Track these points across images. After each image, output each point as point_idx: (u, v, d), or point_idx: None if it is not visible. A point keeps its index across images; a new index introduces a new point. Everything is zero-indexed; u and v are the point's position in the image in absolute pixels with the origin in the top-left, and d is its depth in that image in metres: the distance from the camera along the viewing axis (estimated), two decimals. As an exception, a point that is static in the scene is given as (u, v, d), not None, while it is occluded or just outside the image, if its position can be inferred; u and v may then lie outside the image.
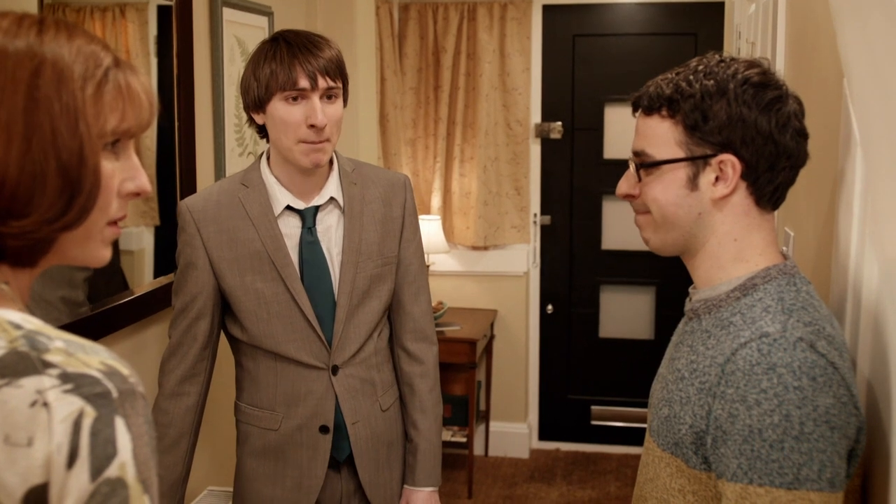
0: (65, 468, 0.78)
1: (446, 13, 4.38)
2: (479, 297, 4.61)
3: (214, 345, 1.93)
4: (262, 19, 2.84)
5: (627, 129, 4.37)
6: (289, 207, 1.86)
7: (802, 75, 1.76)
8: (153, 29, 2.24)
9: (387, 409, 1.96)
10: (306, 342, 1.86)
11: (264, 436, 1.91)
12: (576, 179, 4.55)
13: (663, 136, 1.20)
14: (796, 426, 1.04)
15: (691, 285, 1.28)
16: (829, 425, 1.04)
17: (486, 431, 4.62)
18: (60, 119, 0.84)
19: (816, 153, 1.28)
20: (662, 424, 1.21)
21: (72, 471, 0.78)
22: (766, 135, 1.15)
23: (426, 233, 4.03)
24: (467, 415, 4.29)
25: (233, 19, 2.63)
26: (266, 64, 1.76)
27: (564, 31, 4.47)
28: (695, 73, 1.19)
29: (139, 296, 2.16)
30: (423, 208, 4.49)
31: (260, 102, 1.79)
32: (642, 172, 1.23)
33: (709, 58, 1.21)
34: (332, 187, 1.89)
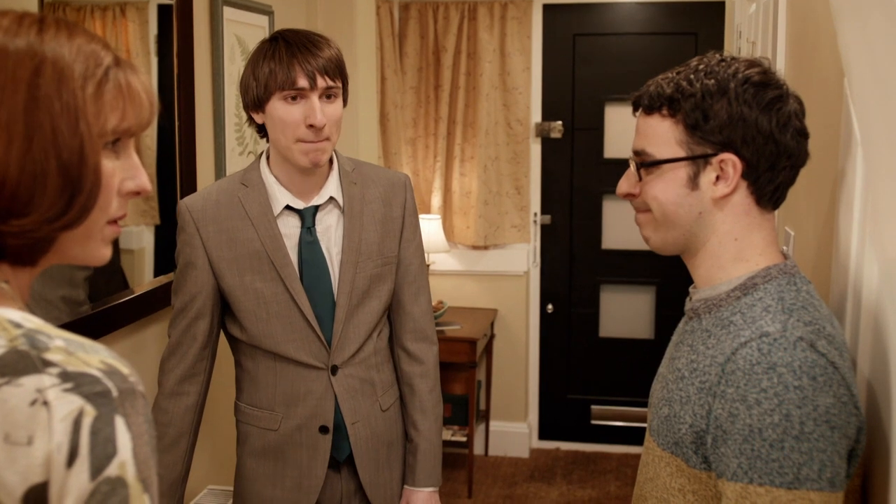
0: (65, 467, 0.78)
1: (447, 12, 4.38)
2: (479, 296, 4.61)
3: (214, 344, 1.93)
4: (262, 18, 2.84)
5: (628, 129, 4.37)
6: (288, 207, 1.86)
7: (803, 75, 1.76)
8: (153, 28, 2.24)
9: (387, 409, 1.96)
10: (306, 342, 1.86)
11: (264, 436, 1.91)
12: (576, 179, 4.54)
13: (664, 136, 1.20)
14: (796, 426, 1.04)
15: (691, 285, 1.28)
16: (829, 425, 1.04)
17: (486, 431, 4.61)
18: (61, 118, 0.84)
19: (817, 153, 1.28)
20: (662, 424, 1.21)
21: (72, 470, 0.78)
22: (766, 134, 1.15)
23: (426, 232, 4.02)
24: (467, 414, 4.29)
25: (233, 18, 2.63)
26: (265, 63, 1.76)
27: (565, 30, 4.47)
28: (695, 72, 1.19)
29: (139, 295, 2.16)
30: (424, 208, 4.49)
31: (259, 102, 1.79)
32: (643, 172, 1.23)
33: (709, 57, 1.21)
34: (332, 187, 1.88)
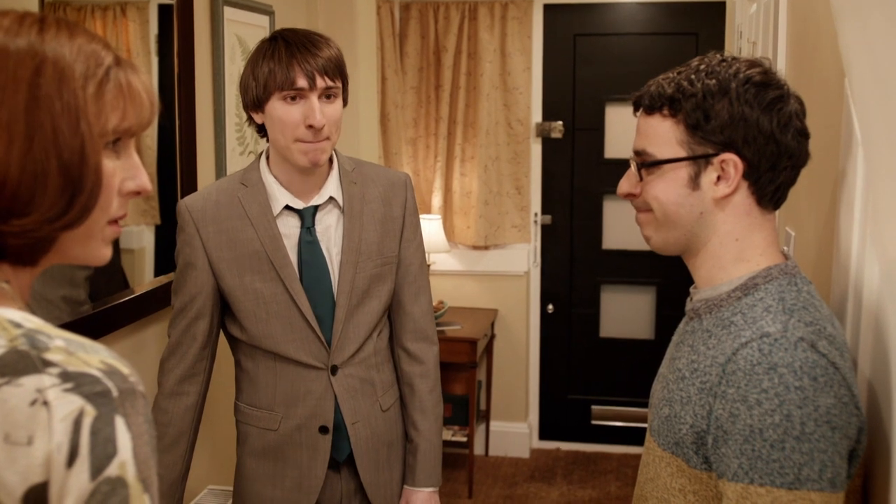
0: (65, 467, 0.77)
1: (447, 12, 4.38)
2: (479, 296, 4.61)
3: (214, 344, 1.93)
4: (263, 18, 2.84)
5: (628, 129, 4.37)
6: (288, 207, 1.85)
7: (803, 75, 1.76)
8: (154, 28, 2.24)
9: (387, 409, 1.96)
10: (305, 342, 1.86)
11: (264, 436, 1.91)
12: (576, 179, 4.54)
13: (665, 136, 1.20)
14: (797, 426, 1.04)
15: (692, 285, 1.28)
16: (830, 425, 1.04)
17: (487, 431, 4.61)
18: (62, 118, 0.84)
19: (817, 153, 1.28)
20: (663, 424, 1.21)
21: (72, 470, 0.78)
22: (767, 134, 1.15)
23: (427, 232, 4.02)
24: (468, 414, 4.29)
25: (234, 18, 2.63)
26: (264, 63, 1.75)
27: (565, 30, 4.47)
28: (696, 72, 1.19)
29: (140, 294, 2.16)
30: (424, 208, 4.49)
31: (258, 102, 1.78)
32: (644, 172, 1.23)
33: (710, 57, 1.21)
34: (332, 187, 1.88)
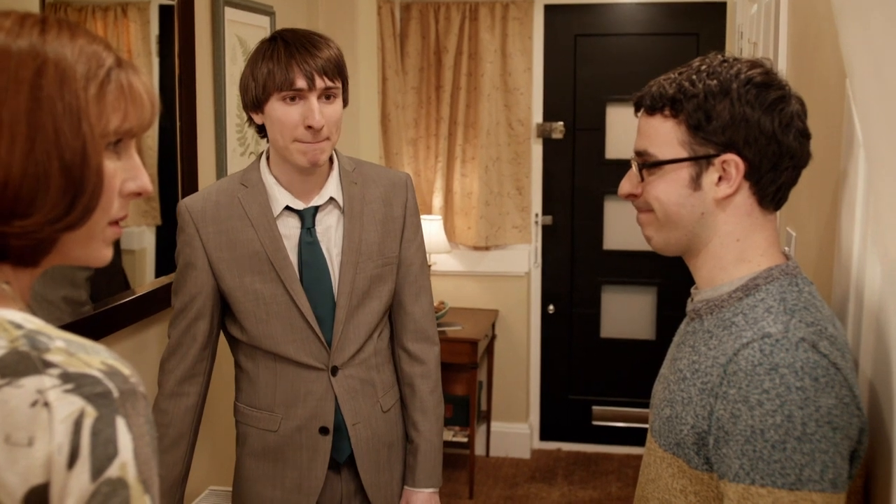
0: (65, 468, 0.77)
1: (448, 13, 4.38)
2: (480, 297, 4.61)
3: (214, 345, 1.92)
4: (263, 19, 2.84)
5: (629, 130, 4.38)
6: (288, 208, 1.85)
7: (804, 76, 1.76)
8: (155, 28, 2.23)
9: (388, 410, 1.95)
10: (305, 343, 1.85)
11: (263, 437, 1.90)
12: (577, 179, 4.54)
13: (666, 136, 1.20)
14: (798, 427, 1.04)
15: (693, 286, 1.28)
16: (831, 426, 1.04)
17: (488, 432, 4.61)
18: (63, 119, 0.84)
19: (819, 153, 1.28)
20: (664, 425, 1.21)
21: (72, 471, 0.78)
22: (769, 135, 1.15)
23: (427, 233, 4.02)
24: (468, 415, 4.29)
25: (235, 19, 2.63)
26: (264, 63, 1.75)
27: (566, 30, 4.47)
28: (698, 72, 1.19)
29: (140, 295, 2.16)
30: (425, 208, 4.49)
31: (258, 102, 1.78)
32: (645, 172, 1.23)
33: (711, 58, 1.21)
34: (332, 187, 1.88)
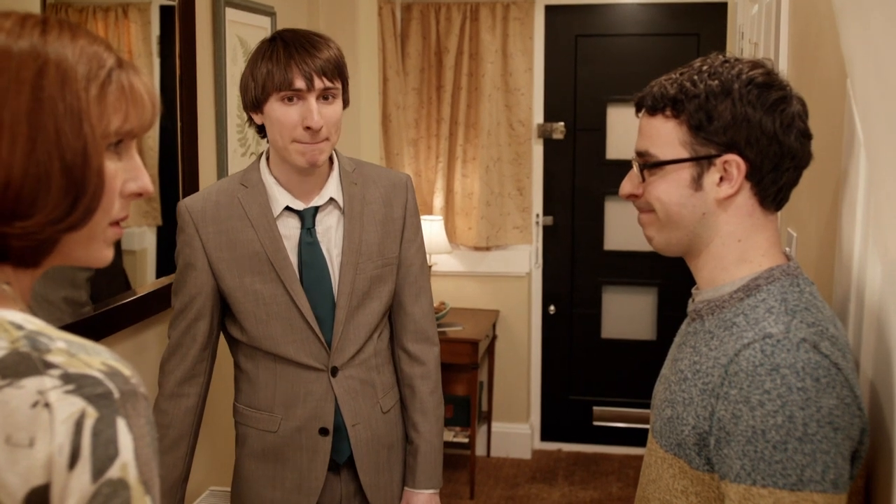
0: (66, 469, 0.77)
1: (449, 13, 4.38)
2: (481, 297, 4.61)
3: (214, 345, 1.92)
4: (264, 19, 2.84)
5: (630, 130, 4.37)
6: (288, 208, 1.85)
7: (805, 76, 1.76)
8: (156, 29, 2.23)
9: (387, 411, 1.95)
10: (305, 343, 1.85)
11: (263, 438, 1.90)
12: (578, 180, 4.54)
13: (667, 137, 1.20)
14: (800, 427, 1.03)
15: (694, 286, 1.28)
16: (832, 426, 1.04)
17: (488, 432, 4.61)
18: (64, 120, 0.84)
19: (820, 154, 1.28)
20: (665, 425, 1.21)
21: (73, 471, 0.77)
22: (770, 135, 1.15)
23: (428, 233, 4.02)
24: (469, 415, 4.28)
25: (235, 19, 2.63)
26: (263, 64, 1.74)
27: (567, 31, 4.47)
28: (699, 73, 1.19)
29: (141, 296, 2.16)
30: (426, 209, 4.49)
31: (257, 102, 1.78)
32: (646, 173, 1.23)
33: (712, 58, 1.21)
34: (332, 188, 1.87)
